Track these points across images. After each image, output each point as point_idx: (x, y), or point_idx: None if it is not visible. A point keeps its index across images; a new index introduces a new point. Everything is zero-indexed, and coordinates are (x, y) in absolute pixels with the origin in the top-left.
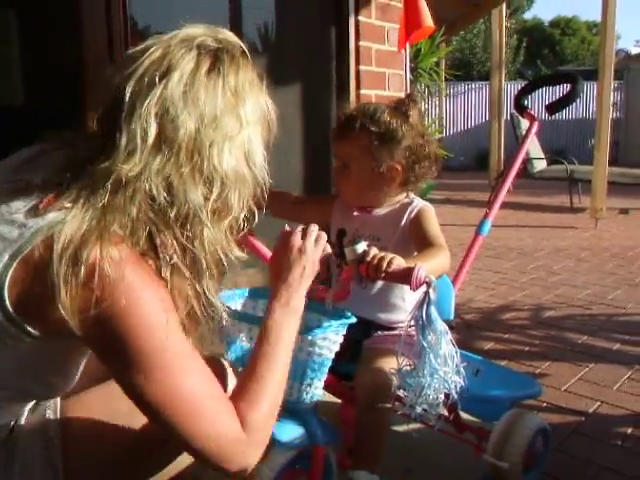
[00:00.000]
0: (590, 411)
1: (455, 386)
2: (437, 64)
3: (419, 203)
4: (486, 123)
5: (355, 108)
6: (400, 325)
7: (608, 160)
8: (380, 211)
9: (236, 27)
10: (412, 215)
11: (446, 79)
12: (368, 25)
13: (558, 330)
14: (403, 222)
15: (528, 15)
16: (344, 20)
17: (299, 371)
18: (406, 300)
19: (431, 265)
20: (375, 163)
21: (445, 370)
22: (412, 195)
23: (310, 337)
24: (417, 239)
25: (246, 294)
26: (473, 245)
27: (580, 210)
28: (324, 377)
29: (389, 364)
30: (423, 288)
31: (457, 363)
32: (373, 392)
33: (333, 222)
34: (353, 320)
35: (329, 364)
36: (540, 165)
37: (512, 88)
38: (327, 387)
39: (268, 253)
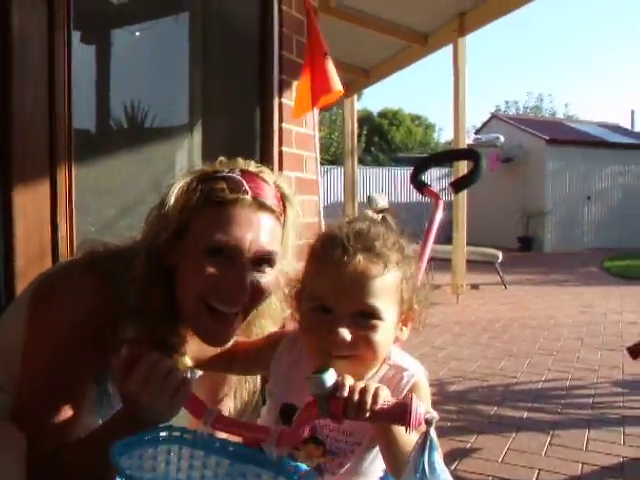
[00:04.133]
0: None
1: None
2: None
3: (410, 377)
4: (334, 205)
5: (347, 231)
6: None
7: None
8: None
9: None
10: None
11: None
12: (289, 107)
13: (468, 403)
14: None
15: (359, 106)
16: (268, 102)
17: None
18: (376, 465)
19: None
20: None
21: None
22: (392, 355)
23: None
24: None
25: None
26: None
27: (437, 287)
28: None
29: None
30: (421, 428)
31: None
32: None
33: (277, 389)
34: (315, 477)
35: None
36: None
37: (360, 173)
38: None
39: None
